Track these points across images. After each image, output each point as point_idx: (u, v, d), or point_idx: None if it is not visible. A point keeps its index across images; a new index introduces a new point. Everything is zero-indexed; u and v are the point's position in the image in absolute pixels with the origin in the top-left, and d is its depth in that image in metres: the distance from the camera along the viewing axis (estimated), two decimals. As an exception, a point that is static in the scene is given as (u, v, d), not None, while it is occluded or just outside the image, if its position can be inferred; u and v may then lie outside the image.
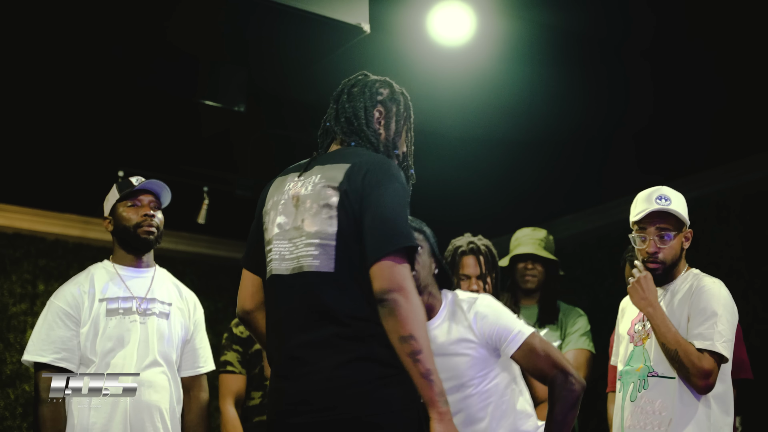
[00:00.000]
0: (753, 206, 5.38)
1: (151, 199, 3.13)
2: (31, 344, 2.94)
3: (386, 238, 2.12)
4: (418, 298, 2.11)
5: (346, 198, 2.21)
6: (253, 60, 4.58)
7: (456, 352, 2.65)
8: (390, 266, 2.10)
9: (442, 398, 2.07)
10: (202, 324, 3.23)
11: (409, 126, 2.49)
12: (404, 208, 2.18)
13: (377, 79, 2.46)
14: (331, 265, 2.18)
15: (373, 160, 2.26)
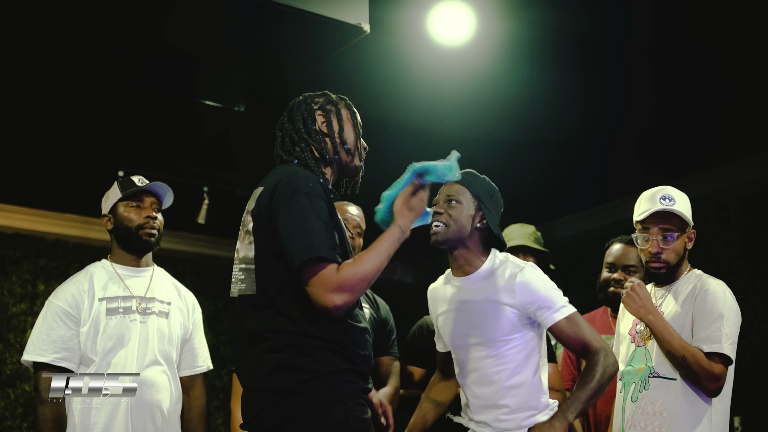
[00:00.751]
0: (753, 206, 5.39)
1: (153, 201, 3.13)
2: (30, 344, 2.94)
3: (296, 253, 2.20)
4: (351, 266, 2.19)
5: (258, 222, 2.34)
6: (253, 60, 4.58)
7: (485, 310, 2.62)
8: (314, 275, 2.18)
9: None
10: (200, 323, 3.24)
11: (355, 122, 2.56)
12: (309, 220, 2.22)
13: (311, 93, 2.61)
14: (253, 288, 2.31)
15: (281, 180, 2.34)
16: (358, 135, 2.54)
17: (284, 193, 2.29)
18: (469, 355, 2.65)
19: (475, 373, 2.64)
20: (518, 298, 2.58)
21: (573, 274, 5.75)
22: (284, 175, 2.37)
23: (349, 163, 2.51)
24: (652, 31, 4.23)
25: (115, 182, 3.18)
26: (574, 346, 2.59)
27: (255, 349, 2.28)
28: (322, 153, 2.46)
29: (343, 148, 2.48)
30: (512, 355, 2.60)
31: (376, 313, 3.30)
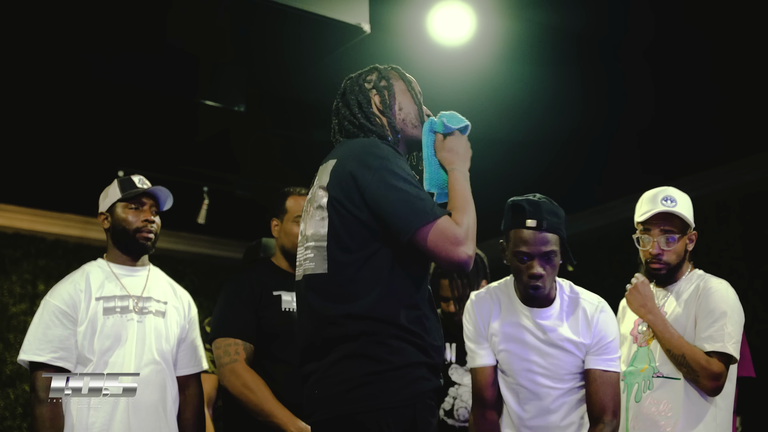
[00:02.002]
0: (753, 206, 5.39)
1: (152, 203, 3.12)
2: (27, 343, 2.93)
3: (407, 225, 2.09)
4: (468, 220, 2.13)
5: (335, 197, 2.19)
6: (253, 60, 4.58)
7: (562, 347, 2.59)
8: (436, 234, 2.08)
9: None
10: (196, 323, 3.23)
11: (412, 92, 2.40)
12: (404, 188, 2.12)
13: (360, 71, 2.43)
14: (324, 266, 2.17)
15: (360, 152, 2.21)
16: (419, 105, 2.39)
17: (369, 164, 2.15)
18: (533, 385, 2.62)
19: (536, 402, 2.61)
20: (591, 337, 2.59)
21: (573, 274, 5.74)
22: (361, 146, 2.23)
23: (414, 137, 2.37)
24: (651, 31, 4.23)
25: (114, 180, 3.16)
26: (592, 402, 2.58)
27: (324, 334, 2.15)
28: (384, 135, 2.31)
29: (405, 123, 2.35)
30: (573, 392, 2.62)
31: None
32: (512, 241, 2.57)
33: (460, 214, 2.14)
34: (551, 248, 2.53)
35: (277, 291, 3.11)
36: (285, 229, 3.19)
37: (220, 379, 3.04)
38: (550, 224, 2.54)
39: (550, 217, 2.55)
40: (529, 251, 2.52)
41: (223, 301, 3.11)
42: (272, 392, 2.94)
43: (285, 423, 2.89)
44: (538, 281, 2.53)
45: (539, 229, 2.52)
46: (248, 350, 3.01)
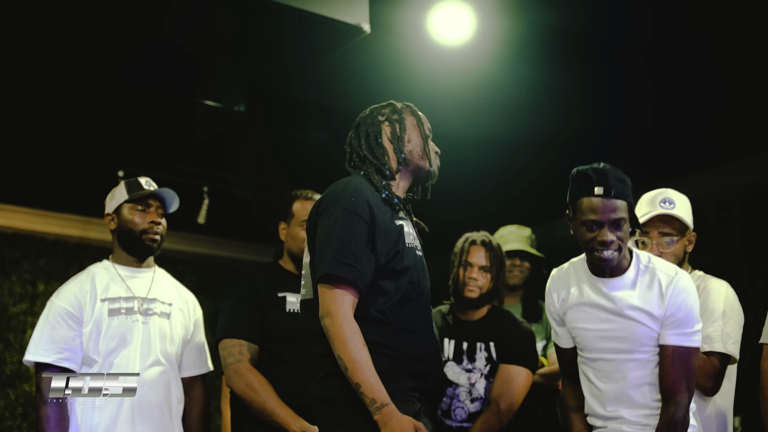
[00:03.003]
0: (753, 206, 5.38)
1: (158, 205, 3.13)
2: (32, 344, 2.94)
3: (318, 266, 2.33)
4: (344, 318, 2.26)
5: (309, 231, 2.46)
6: (253, 60, 4.58)
7: (633, 317, 2.49)
8: (321, 293, 2.31)
9: (373, 406, 2.22)
10: (201, 324, 3.24)
11: (421, 128, 2.58)
12: (334, 234, 2.32)
13: (377, 105, 2.63)
14: (311, 293, 2.41)
15: (328, 191, 2.44)
16: (425, 140, 2.57)
17: (327, 204, 2.40)
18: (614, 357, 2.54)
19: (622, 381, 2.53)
20: (666, 309, 2.47)
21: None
22: (335, 187, 2.46)
23: (420, 169, 2.56)
24: (651, 31, 4.23)
25: (121, 182, 3.18)
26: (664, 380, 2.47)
27: (312, 353, 2.40)
28: (387, 166, 2.52)
29: (405, 157, 2.53)
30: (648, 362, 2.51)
31: None
32: (579, 210, 2.53)
33: (346, 330, 2.27)
34: (620, 215, 2.47)
35: (282, 292, 3.12)
36: (291, 233, 3.21)
37: (225, 380, 3.05)
38: (618, 191, 2.50)
39: (617, 184, 2.51)
40: (597, 219, 2.48)
41: (229, 303, 3.13)
42: (276, 392, 2.96)
43: (287, 422, 2.90)
44: (608, 248, 2.47)
45: (607, 196, 2.49)
46: (252, 351, 3.03)
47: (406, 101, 2.62)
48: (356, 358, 2.23)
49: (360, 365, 2.23)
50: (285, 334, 3.06)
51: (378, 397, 2.22)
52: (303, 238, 3.14)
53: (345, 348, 2.24)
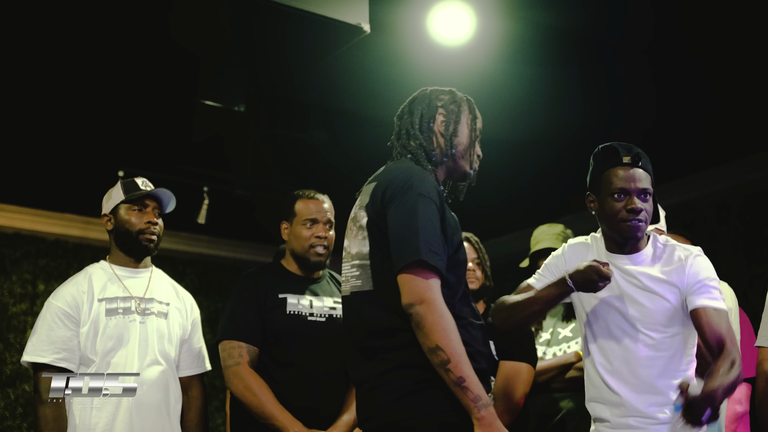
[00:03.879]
0: (753, 206, 5.38)
1: (155, 206, 3.13)
2: (30, 345, 2.94)
3: (400, 252, 2.20)
4: (443, 308, 2.15)
5: (372, 218, 2.31)
6: (253, 60, 4.58)
7: (655, 291, 2.45)
8: (409, 279, 2.17)
9: (479, 402, 2.12)
10: (198, 324, 3.24)
11: (472, 127, 2.49)
12: (414, 221, 2.21)
13: (439, 88, 2.54)
14: (370, 284, 2.29)
15: (395, 175, 2.32)
16: (473, 140, 2.48)
17: (398, 189, 2.27)
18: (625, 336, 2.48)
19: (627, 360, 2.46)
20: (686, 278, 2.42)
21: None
22: (400, 171, 2.34)
23: (458, 168, 2.46)
24: (651, 31, 4.23)
25: (118, 182, 3.18)
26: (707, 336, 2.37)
27: (374, 347, 2.26)
28: (434, 153, 2.42)
29: (454, 152, 2.43)
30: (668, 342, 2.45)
31: None
32: (607, 181, 2.49)
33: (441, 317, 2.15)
34: (647, 185, 2.47)
35: (283, 294, 3.12)
36: (294, 233, 3.20)
37: (225, 382, 3.05)
38: (645, 162, 2.50)
39: (644, 156, 2.51)
40: (627, 187, 2.45)
41: (230, 304, 3.13)
42: (275, 395, 2.96)
43: (285, 426, 2.90)
44: (638, 216, 2.43)
45: (635, 165, 2.47)
46: (252, 353, 3.03)
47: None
48: (460, 352, 2.13)
49: (463, 359, 2.13)
50: (286, 336, 3.05)
51: (482, 394, 2.13)
52: (306, 237, 3.15)
53: (447, 339, 2.12)
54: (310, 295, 3.15)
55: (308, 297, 3.14)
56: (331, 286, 3.25)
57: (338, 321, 3.13)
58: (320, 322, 3.11)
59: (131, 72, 4.53)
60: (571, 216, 6.21)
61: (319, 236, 3.16)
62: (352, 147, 5.54)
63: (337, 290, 3.24)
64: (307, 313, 3.10)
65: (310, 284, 3.19)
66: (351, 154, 5.63)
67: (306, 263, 3.18)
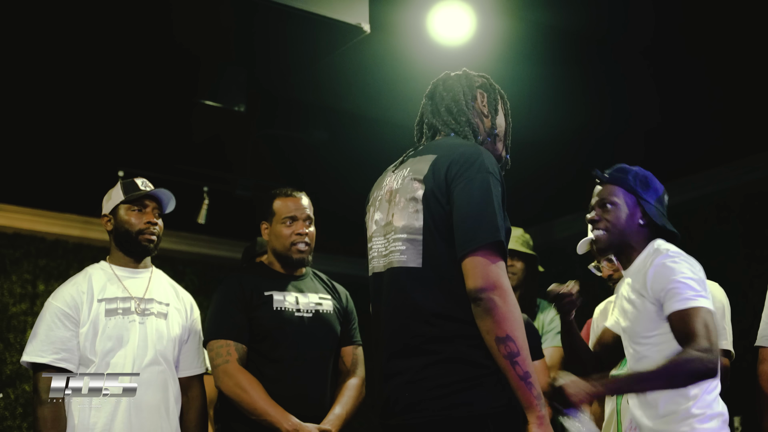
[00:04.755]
0: (753, 206, 5.38)
1: (155, 206, 3.13)
2: (29, 345, 2.94)
3: (472, 233, 2.03)
4: (514, 297, 2.02)
5: (431, 191, 2.14)
6: (253, 60, 4.58)
7: (633, 302, 2.45)
8: (482, 263, 2.01)
9: (540, 401, 1.99)
10: (198, 324, 3.24)
11: (506, 111, 2.40)
12: (490, 201, 2.06)
13: (470, 72, 2.43)
14: (419, 261, 2.11)
15: (460, 151, 2.16)
16: (508, 125, 2.40)
17: (469, 167, 2.11)
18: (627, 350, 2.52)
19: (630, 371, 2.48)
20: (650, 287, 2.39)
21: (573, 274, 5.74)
22: (467, 147, 2.18)
23: (495, 150, 2.33)
24: (651, 31, 4.23)
25: (118, 182, 3.18)
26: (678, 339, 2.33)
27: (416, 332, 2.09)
28: (478, 131, 2.30)
29: (496, 132, 2.33)
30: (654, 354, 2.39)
31: (338, 303, 3.26)
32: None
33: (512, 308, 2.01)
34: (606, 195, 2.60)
35: (269, 291, 3.12)
36: (274, 231, 3.21)
37: (214, 381, 3.05)
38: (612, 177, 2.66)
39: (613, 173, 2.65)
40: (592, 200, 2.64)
41: (215, 304, 3.14)
42: (265, 391, 2.96)
43: (278, 421, 2.90)
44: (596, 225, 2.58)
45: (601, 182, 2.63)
46: (240, 351, 3.03)
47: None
48: (527, 346, 2.00)
49: (529, 354, 2.00)
50: (274, 332, 3.06)
51: (542, 394, 2.00)
52: (286, 235, 3.15)
53: (520, 331, 1.98)
54: (295, 292, 3.16)
55: (293, 293, 3.15)
56: (315, 282, 3.27)
57: (324, 316, 3.16)
58: (307, 318, 3.12)
59: (131, 72, 4.53)
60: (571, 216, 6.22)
61: (299, 233, 3.17)
62: (351, 147, 5.55)
63: (321, 287, 3.26)
64: (293, 309, 3.11)
65: (294, 281, 3.20)
66: (351, 154, 5.63)
67: (288, 261, 3.19)
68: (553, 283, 2.76)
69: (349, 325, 3.27)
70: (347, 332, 3.26)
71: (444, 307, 2.07)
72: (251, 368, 3.03)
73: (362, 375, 3.23)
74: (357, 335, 3.30)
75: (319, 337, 3.11)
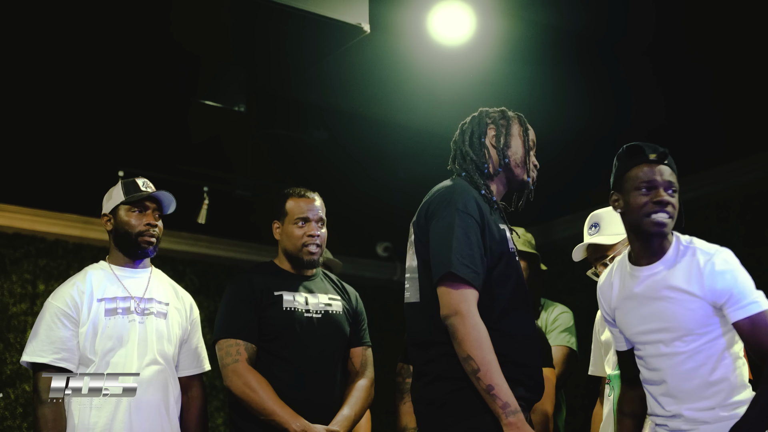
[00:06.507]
0: (753, 206, 5.38)
1: (155, 207, 3.13)
2: (29, 345, 2.93)
3: (436, 266, 2.34)
4: (475, 319, 2.26)
5: (417, 234, 2.48)
6: (253, 60, 4.58)
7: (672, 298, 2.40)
8: (445, 293, 2.31)
9: (507, 409, 2.23)
10: (198, 324, 3.24)
11: (526, 138, 2.64)
12: (450, 235, 2.33)
13: (488, 108, 2.67)
14: (417, 296, 2.45)
15: (437, 193, 2.47)
16: (527, 150, 2.62)
17: (438, 206, 2.41)
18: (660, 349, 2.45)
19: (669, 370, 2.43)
20: (706, 288, 2.38)
21: (573, 274, 5.75)
22: (444, 188, 2.48)
23: (515, 177, 2.60)
24: (651, 31, 4.23)
25: (119, 182, 3.17)
26: (752, 351, 2.36)
27: (418, 359, 2.43)
28: (486, 166, 2.55)
29: (508, 162, 2.57)
30: (708, 349, 2.39)
31: (348, 304, 3.26)
32: (631, 179, 2.50)
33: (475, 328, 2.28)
34: (673, 179, 2.49)
35: (279, 291, 3.12)
36: (286, 231, 3.20)
37: (224, 380, 3.05)
38: (671, 161, 2.55)
39: (669, 156, 2.56)
40: (653, 178, 2.47)
41: (225, 303, 3.13)
42: (274, 391, 2.95)
43: (286, 421, 2.90)
44: (665, 208, 2.42)
45: (661, 162, 2.51)
46: (250, 350, 3.02)
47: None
48: (490, 360, 2.24)
49: (493, 367, 2.24)
50: (283, 332, 3.05)
51: (511, 401, 2.23)
52: (298, 236, 3.15)
53: (479, 349, 2.24)
54: (305, 292, 3.15)
55: (303, 294, 3.14)
56: (325, 283, 3.26)
57: (333, 317, 3.16)
58: (317, 318, 3.12)
59: (131, 72, 4.53)
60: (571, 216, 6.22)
61: (311, 235, 3.16)
62: (351, 147, 5.55)
63: (330, 287, 3.25)
64: (303, 309, 3.11)
65: (304, 281, 3.19)
66: (351, 153, 5.63)
67: (299, 262, 3.18)
68: None
69: (358, 326, 3.26)
70: (356, 333, 3.25)
71: (434, 334, 2.37)
72: (260, 368, 3.02)
73: (371, 376, 3.22)
74: (366, 336, 3.30)
75: (328, 338, 3.11)
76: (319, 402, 3.03)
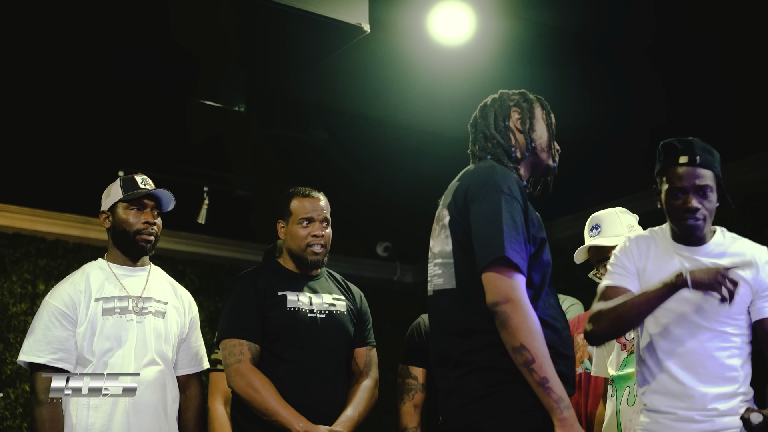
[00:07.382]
0: (753, 206, 5.38)
1: (154, 205, 3.11)
2: (27, 345, 2.92)
3: (484, 250, 2.20)
4: (529, 307, 2.15)
5: (454, 217, 2.34)
6: (253, 60, 4.58)
7: None
8: (494, 278, 2.17)
9: (561, 404, 2.12)
10: (197, 323, 3.23)
11: (549, 122, 2.57)
12: (498, 219, 2.22)
13: (508, 91, 2.62)
14: (453, 282, 2.31)
15: (476, 175, 2.35)
16: (551, 135, 2.56)
17: (481, 188, 2.30)
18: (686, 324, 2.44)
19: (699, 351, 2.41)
20: (759, 279, 2.45)
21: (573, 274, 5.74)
22: (483, 170, 2.36)
23: (540, 162, 2.52)
24: (652, 31, 4.23)
25: (117, 179, 3.15)
26: None
27: (455, 348, 2.27)
28: (514, 149, 2.47)
29: (534, 146, 2.49)
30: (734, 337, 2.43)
31: (353, 303, 3.25)
32: (665, 180, 2.50)
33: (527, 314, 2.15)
34: (706, 183, 2.46)
35: (283, 291, 3.11)
36: (290, 231, 3.19)
37: (227, 380, 3.05)
38: (703, 160, 2.47)
39: (702, 154, 2.49)
40: (682, 186, 2.46)
41: (229, 303, 3.12)
42: (277, 391, 2.95)
43: (289, 422, 2.90)
44: (694, 215, 2.44)
45: (692, 165, 2.46)
46: (253, 350, 3.02)
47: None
48: (545, 352, 2.13)
49: (547, 360, 2.12)
50: (287, 332, 3.05)
51: (564, 396, 2.13)
52: (302, 236, 3.15)
53: (533, 339, 2.12)
54: (309, 292, 3.15)
55: (307, 294, 3.14)
56: (330, 283, 3.25)
57: (338, 317, 3.15)
58: (320, 318, 3.11)
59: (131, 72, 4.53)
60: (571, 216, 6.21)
61: (315, 235, 3.15)
62: (352, 147, 5.55)
63: (335, 287, 3.25)
64: (307, 309, 3.10)
65: (308, 281, 3.19)
66: (351, 153, 5.63)
67: (303, 262, 3.18)
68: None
69: (362, 326, 3.25)
70: (361, 333, 3.24)
71: (476, 323, 2.24)
72: (263, 368, 3.02)
73: (375, 377, 3.21)
74: (371, 336, 3.29)
75: (332, 338, 3.10)
76: (322, 402, 3.03)
